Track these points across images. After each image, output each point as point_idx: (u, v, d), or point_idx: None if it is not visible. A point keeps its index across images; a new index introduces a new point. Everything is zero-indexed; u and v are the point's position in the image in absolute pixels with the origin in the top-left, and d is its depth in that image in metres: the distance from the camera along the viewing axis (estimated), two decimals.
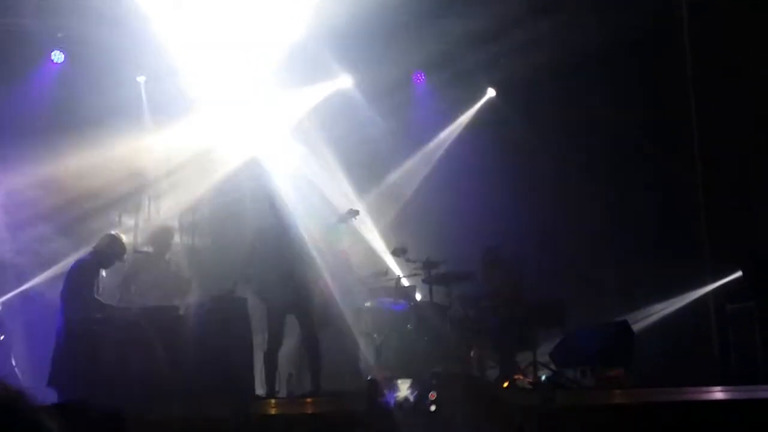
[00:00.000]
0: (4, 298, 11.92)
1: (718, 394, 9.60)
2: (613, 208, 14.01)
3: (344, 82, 14.28)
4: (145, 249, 10.76)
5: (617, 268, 13.85)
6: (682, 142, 13.41)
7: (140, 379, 8.39)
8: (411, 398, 9.54)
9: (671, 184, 13.51)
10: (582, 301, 12.56)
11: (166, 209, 12.74)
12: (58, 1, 12.46)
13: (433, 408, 2.01)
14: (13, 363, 10.75)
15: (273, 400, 9.06)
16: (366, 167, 14.08)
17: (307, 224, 10.33)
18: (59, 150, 12.23)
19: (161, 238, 11.22)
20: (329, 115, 14.10)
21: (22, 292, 12.07)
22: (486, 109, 14.90)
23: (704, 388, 9.86)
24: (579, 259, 13.94)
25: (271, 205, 10.00)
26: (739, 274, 12.06)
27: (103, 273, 9.92)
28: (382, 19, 13.80)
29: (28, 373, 10.65)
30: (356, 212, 10.08)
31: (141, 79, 13.44)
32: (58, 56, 13.16)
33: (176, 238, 11.63)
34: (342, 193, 13.35)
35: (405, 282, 11.38)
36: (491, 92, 14.90)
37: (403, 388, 9.58)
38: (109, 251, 9.84)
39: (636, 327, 12.14)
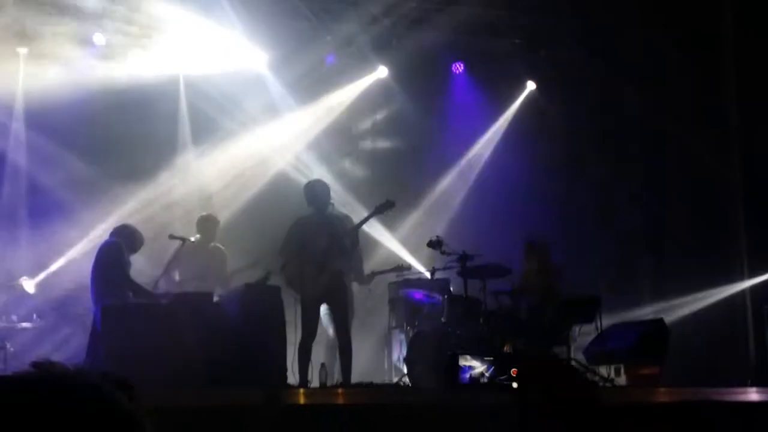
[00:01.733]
0: (39, 278, 12.03)
1: (753, 395, 9.50)
2: (651, 201, 13.94)
3: (381, 72, 14.26)
4: (181, 235, 10.78)
5: (653, 261, 13.78)
6: (721, 132, 13.22)
7: (173, 366, 8.42)
8: (487, 374, 9.55)
9: (709, 178, 13.32)
10: (616, 293, 12.62)
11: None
12: None
13: (515, 385, 2.00)
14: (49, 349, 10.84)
15: (305, 390, 9.07)
16: (406, 161, 14.08)
17: (341, 215, 10.35)
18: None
19: (205, 227, 11.25)
20: (367, 107, 14.16)
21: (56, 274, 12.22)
22: (526, 102, 14.84)
23: (740, 389, 9.78)
24: (614, 251, 13.95)
25: (311, 197, 10.00)
26: None
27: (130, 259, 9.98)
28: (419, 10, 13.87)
29: (63, 359, 10.71)
30: (392, 204, 10.01)
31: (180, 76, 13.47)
32: (99, 39, 12.83)
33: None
34: (379, 187, 13.34)
35: (439, 275, 11.34)
36: (531, 85, 14.80)
37: (477, 364, 9.61)
38: (128, 240, 9.88)
39: (669, 320, 12.10)
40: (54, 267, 12.28)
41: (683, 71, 13.44)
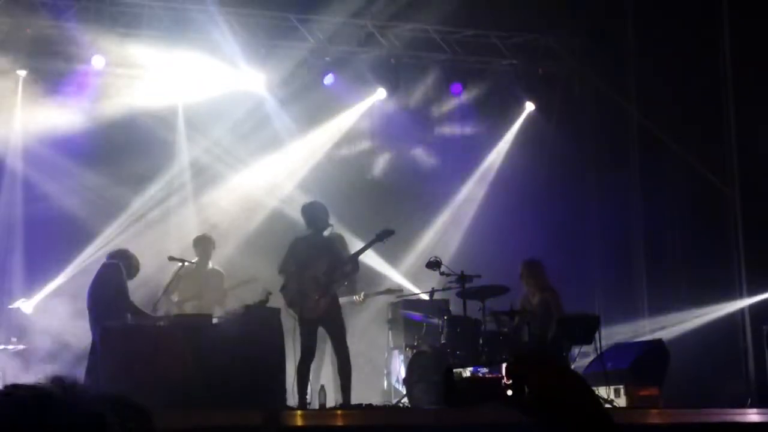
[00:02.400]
0: (37, 299, 12.02)
1: (753, 416, 9.48)
2: (650, 215, 13.95)
3: (380, 94, 14.24)
4: (179, 257, 10.78)
5: (651, 277, 13.79)
6: (720, 146, 13.17)
7: (172, 387, 8.40)
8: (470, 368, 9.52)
9: (708, 193, 13.26)
10: (614, 309, 12.95)
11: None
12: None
13: (510, 392, 1.93)
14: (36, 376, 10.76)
15: (304, 412, 9.05)
16: (407, 184, 14.03)
17: (340, 240, 10.34)
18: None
19: (202, 247, 11.24)
20: (367, 130, 14.17)
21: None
22: (526, 122, 14.86)
23: (740, 410, 9.76)
24: (613, 266, 14.00)
25: (309, 218, 9.99)
26: None
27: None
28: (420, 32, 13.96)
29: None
30: (392, 231, 9.98)
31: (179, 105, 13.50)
32: (98, 61, 12.87)
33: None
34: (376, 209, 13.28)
35: (438, 295, 11.33)
36: (530, 106, 14.80)
37: (460, 370, 9.58)
38: (126, 264, 9.86)
39: (667, 336, 12.13)
40: (51, 287, 12.28)
41: (681, 84, 13.49)
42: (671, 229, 13.55)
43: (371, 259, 12.65)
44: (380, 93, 14.20)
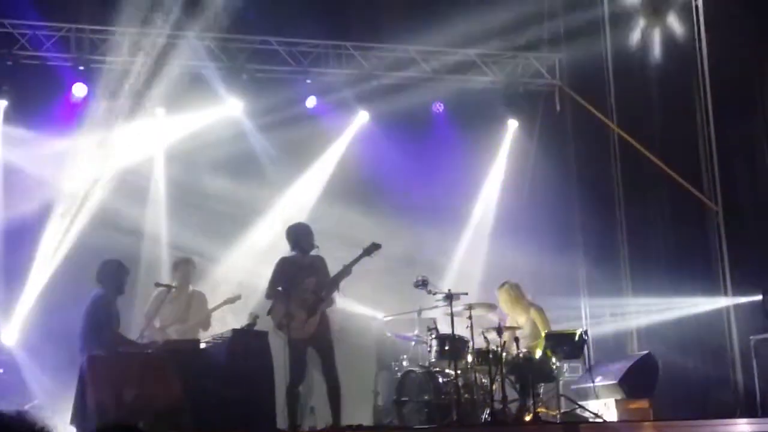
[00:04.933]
0: (15, 326, 11.93)
1: (743, 426, 9.50)
2: (632, 223, 14.01)
3: (363, 117, 14.25)
4: (166, 283, 10.70)
5: (632, 271, 13.87)
6: (699, 158, 13.22)
7: (161, 413, 8.36)
8: None
9: (688, 203, 13.29)
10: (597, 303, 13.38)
11: None
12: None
13: None
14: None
15: None
16: (389, 202, 13.92)
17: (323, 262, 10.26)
18: None
19: (183, 270, 11.15)
20: (355, 156, 14.12)
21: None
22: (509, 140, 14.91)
23: (729, 420, 9.77)
24: (594, 271, 14.12)
25: (293, 240, 9.99)
26: (759, 297, 11.82)
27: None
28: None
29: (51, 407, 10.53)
30: (378, 246, 9.96)
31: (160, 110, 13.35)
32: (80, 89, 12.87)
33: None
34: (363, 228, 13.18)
35: (426, 314, 11.31)
36: (513, 124, 14.82)
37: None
38: (116, 277, 9.63)
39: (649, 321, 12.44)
40: (24, 312, 12.16)
41: (661, 99, 13.63)
42: (654, 237, 13.62)
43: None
44: (363, 116, 14.20)
